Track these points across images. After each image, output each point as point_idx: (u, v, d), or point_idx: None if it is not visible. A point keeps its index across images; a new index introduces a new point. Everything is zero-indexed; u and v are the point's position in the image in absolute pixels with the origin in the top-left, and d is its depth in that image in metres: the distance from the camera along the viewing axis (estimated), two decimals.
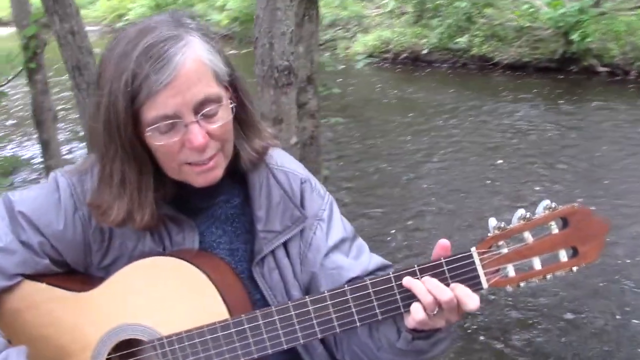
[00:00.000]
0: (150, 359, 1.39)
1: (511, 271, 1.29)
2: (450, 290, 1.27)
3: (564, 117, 8.99)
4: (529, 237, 1.28)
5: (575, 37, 10.69)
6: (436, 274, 1.29)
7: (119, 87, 1.26)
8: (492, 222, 1.30)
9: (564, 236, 1.28)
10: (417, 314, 1.27)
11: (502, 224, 1.29)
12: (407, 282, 1.29)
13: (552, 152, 7.62)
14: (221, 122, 1.33)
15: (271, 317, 1.34)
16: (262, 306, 1.47)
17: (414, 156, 7.73)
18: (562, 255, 1.28)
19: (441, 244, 1.32)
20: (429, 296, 1.27)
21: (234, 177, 1.49)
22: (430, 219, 6.02)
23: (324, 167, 3.28)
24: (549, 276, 1.29)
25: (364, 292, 1.31)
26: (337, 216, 1.56)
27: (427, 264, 1.30)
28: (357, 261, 1.50)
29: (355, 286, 1.32)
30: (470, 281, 1.28)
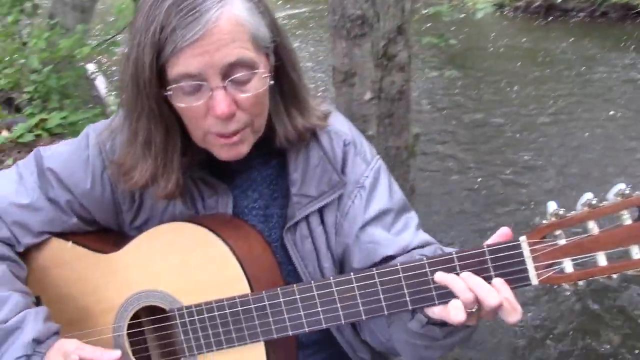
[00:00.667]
0: (169, 328, 1.32)
1: (568, 266, 1.08)
2: (497, 292, 1.08)
3: None
4: (594, 227, 1.06)
5: None
6: (477, 262, 1.11)
7: (147, 39, 1.15)
8: (551, 207, 1.09)
9: (639, 229, 1.05)
10: (456, 315, 1.09)
11: (562, 211, 1.08)
12: (440, 276, 1.12)
13: None
14: (253, 91, 1.20)
15: (292, 295, 1.22)
16: (294, 278, 1.38)
17: (522, 110, 7.17)
18: (636, 251, 1.05)
19: (502, 232, 1.13)
20: (470, 293, 1.09)
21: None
22: (534, 176, 5.55)
23: (414, 124, 3.05)
24: (615, 275, 1.07)
25: (394, 276, 1.15)
26: (384, 185, 1.40)
27: (466, 252, 1.12)
28: (398, 237, 1.34)
29: (383, 270, 1.16)
30: (516, 275, 1.09)
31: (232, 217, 1.38)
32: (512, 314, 1.09)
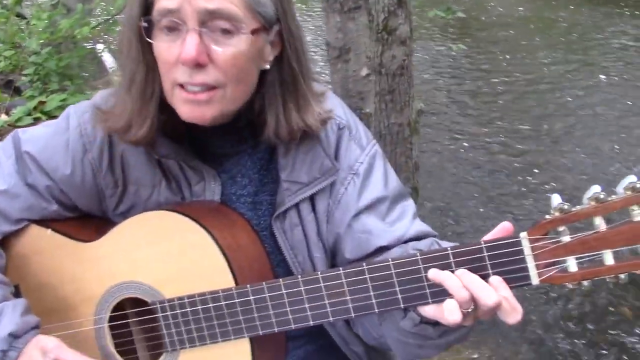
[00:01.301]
0: (152, 321, 1.26)
1: (572, 265, 1.00)
2: (495, 291, 1.01)
3: None
4: (601, 223, 0.99)
5: None
6: (474, 259, 1.03)
7: None
8: (555, 200, 1.01)
9: None
10: (451, 314, 1.02)
11: (566, 205, 1.00)
12: (434, 273, 1.04)
13: None
14: (231, 49, 1.14)
15: (278, 290, 1.15)
16: (284, 268, 1.32)
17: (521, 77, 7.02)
18: None
19: (503, 227, 1.05)
20: (465, 292, 1.02)
21: None
22: (546, 159, 5.46)
23: (417, 100, 2.95)
24: (622, 275, 0.99)
25: (385, 272, 1.08)
26: (379, 171, 1.33)
27: (463, 248, 1.04)
28: (392, 227, 1.27)
29: (374, 266, 1.09)
30: (515, 274, 1.02)
31: (218, 205, 1.31)
32: (512, 314, 1.02)
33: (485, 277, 1.02)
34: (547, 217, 1.00)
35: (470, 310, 1.02)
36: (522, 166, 5.15)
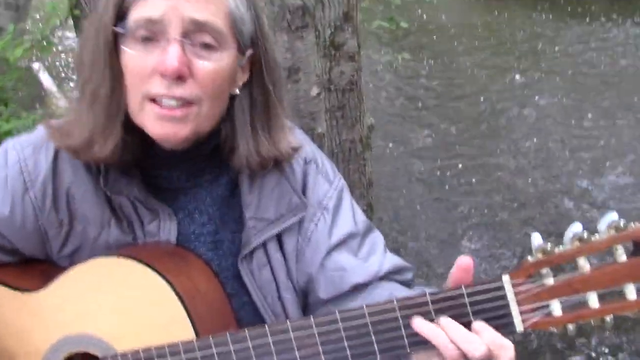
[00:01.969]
0: None
1: (557, 309, 0.96)
2: (481, 342, 0.95)
3: None
4: (585, 264, 0.94)
5: None
6: (454, 306, 0.97)
7: None
8: (536, 240, 0.97)
9: (634, 266, 0.93)
10: None
11: (549, 246, 0.95)
12: (419, 325, 0.98)
13: None
14: (213, 64, 1.08)
15: (244, 342, 1.07)
16: (250, 310, 1.23)
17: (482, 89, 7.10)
18: (630, 290, 0.93)
19: (461, 264, 0.98)
20: (452, 347, 0.96)
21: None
22: (514, 165, 5.48)
23: (368, 115, 2.91)
24: (608, 318, 0.95)
25: (360, 321, 1.01)
26: (347, 205, 1.27)
27: (442, 294, 0.98)
28: (366, 263, 1.22)
29: (347, 315, 1.02)
30: (498, 320, 0.96)
31: (174, 247, 1.22)
32: (503, 351, 0.96)
33: (467, 325, 0.96)
34: (529, 259, 0.96)
35: None
36: (463, 168, 5.24)
